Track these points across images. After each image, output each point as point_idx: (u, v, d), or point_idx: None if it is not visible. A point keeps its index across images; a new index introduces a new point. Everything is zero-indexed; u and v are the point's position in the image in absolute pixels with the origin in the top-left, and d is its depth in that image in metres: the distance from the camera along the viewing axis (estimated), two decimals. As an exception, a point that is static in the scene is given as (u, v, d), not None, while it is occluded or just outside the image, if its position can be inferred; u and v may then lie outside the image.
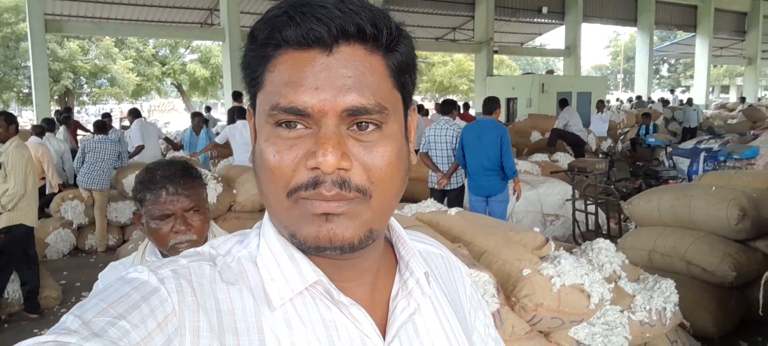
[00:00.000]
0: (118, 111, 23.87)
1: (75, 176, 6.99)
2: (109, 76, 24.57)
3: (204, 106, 17.28)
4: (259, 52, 0.61)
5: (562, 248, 3.13)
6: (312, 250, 0.61)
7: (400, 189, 0.64)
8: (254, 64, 0.62)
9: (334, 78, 0.58)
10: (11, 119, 4.79)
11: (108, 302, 0.56)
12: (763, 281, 2.89)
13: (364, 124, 0.59)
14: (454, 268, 0.86)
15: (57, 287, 5.50)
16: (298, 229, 0.60)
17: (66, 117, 10.86)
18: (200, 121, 9.05)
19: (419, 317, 0.71)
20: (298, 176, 0.58)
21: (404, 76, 0.64)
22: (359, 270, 0.68)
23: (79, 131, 11.92)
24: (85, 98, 26.23)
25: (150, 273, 0.60)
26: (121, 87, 24.55)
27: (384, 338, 0.67)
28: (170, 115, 34.42)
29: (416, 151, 2.68)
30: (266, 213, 0.68)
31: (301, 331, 0.62)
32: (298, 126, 0.59)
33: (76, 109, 23.11)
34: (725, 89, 47.00)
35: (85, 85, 25.44)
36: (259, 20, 0.61)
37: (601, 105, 12.92)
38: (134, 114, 8.40)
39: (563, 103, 11.33)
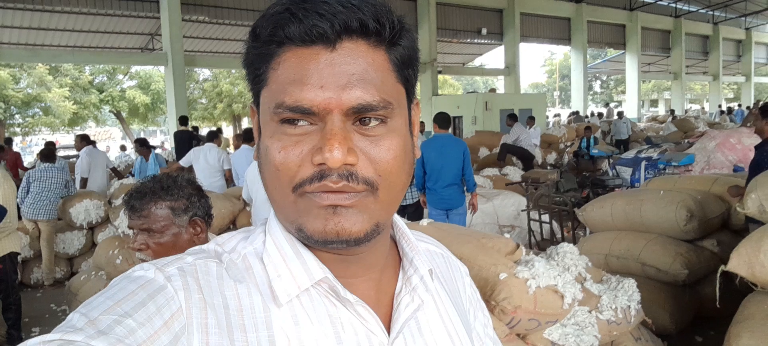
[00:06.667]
0: (53, 141, 22.84)
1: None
2: (43, 105, 23.56)
3: (136, 137, 16.56)
4: (262, 49, 0.61)
5: (532, 252, 3.25)
6: (319, 244, 0.61)
7: (405, 182, 0.65)
8: (257, 62, 0.62)
9: (339, 75, 0.58)
10: None
11: (114, 300, 0.56)
12: (718, 275, 3.07)
13: (368, 119, 0.60)
14: (455, 268, 0.87)
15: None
16: (305, 222, 0.60)
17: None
18: (143, 145, 8.81)
19: (422, 314, 0.72)
20: (304, 171, 0.59)
21: (407, 70, 0.65)
22: (365, 266, 0.68)
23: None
24: (16, 129, 25.02)
25: (156, 271, 0.60)
26: (57, 116, 23.56)
27: (389, 333, 0.67)
28: (107, 144, 33.25)
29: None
30: (272, 210, 0.69)
31: (309, 327, 0.62)
32: (303, 123, 0.59)
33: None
34: (654, 103, 49.46)
35: (17, 115, 24.29)
36: (261, 17, 0.61)
37: (532, 120, 13.43)
38: (84, 140, 8.10)
39: (513, 118, 11.66)
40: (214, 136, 8.10)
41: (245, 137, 6.84)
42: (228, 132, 31.21)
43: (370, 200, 0.60)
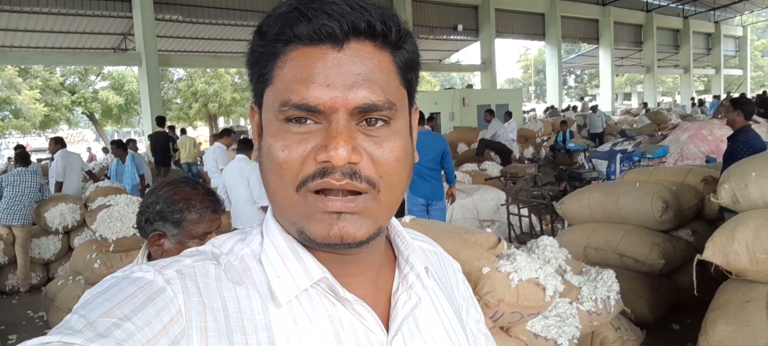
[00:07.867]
0: (24, 144, 22.36)
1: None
2: (12, 107, 23.05)
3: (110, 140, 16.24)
4: (268, 48, 0.61)
5: (513, 246, 3.28)
6: (322, 246, 0.61)
7: (405, 185, 0.65)
8: (263, 60, 0.62)
9: (345, 75, 0.58)
10: None
11: (113, 302, 0.55)
12: (694, 265, 3.14)
13: (373, 119, 0.60)
14: (447, 264, 0.87)
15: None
16: (308, 225, 0.60)
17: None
18: (119, 147, 8.68)
19: (420, 311, 0.72)
20: (307, 168, 0.59)
21: (410, 74, 0.66)
22: (363, 265, 0.68)
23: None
24: (-15, 132, 24.51)
25: (156, 273, 0.60)
26: (27, 119, 23.06)
27: (387, 331, 0.67)
28: (80, 147, 32.65)
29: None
30: (269, 211, 0.69)
31: (308, 327, 0.62)
32: (308, 121, 0.59)
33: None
34: (627, 96, 50.24)
35: (-14, 119, 23.78)
36: (267, 17, 0.61)
37: (509, 115, 13.59)
38: (58, 143, 7.95)
39: (490, 113, 11.74)
40: (221, 135, 8.07)
41: (243, 146, 5.76)
42: (205, 131, 30.89)
43: (373, 205, 0.61)
